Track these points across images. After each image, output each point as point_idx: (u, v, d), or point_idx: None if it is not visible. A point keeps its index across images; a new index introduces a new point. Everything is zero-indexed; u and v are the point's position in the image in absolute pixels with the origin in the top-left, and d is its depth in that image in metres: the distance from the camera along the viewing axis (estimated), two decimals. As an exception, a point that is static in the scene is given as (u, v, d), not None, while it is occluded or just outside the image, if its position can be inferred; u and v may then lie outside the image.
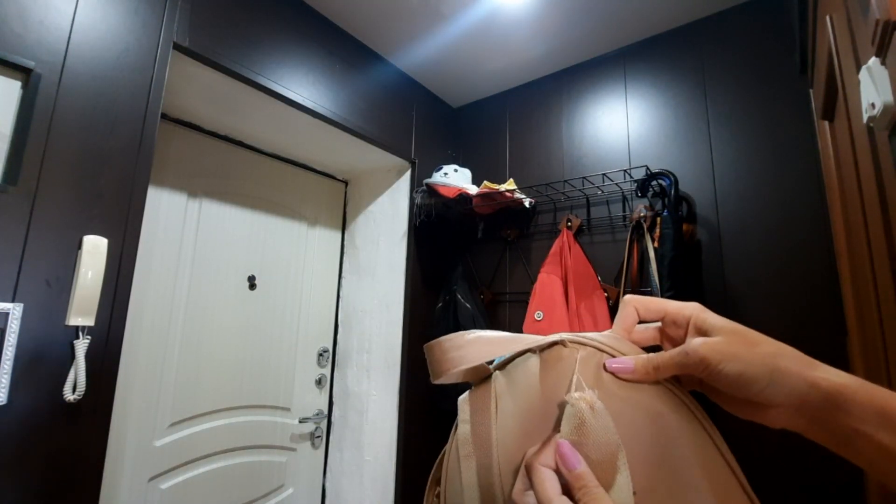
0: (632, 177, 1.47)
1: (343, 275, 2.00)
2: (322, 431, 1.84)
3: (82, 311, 0.90)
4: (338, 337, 1.95)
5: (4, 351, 0.80)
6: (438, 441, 1.79)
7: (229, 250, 1.59)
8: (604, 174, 1.51)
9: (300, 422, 1.75)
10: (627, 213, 1.52)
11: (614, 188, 1.54)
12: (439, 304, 1.78)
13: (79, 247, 0.92)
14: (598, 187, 1.58)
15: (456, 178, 1.73)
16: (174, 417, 1.40)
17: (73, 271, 0.91)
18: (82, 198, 0.93)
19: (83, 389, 0.88)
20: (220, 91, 1.32)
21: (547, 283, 1.54)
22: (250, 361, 1.62)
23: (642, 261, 1.39)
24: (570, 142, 1.72)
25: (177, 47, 1.12)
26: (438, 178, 1.73)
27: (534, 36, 1.60)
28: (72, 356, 0.89)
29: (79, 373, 0.88)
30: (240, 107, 1.42)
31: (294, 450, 1.74)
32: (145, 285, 1.35)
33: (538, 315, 1.52)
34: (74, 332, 0.90)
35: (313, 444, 1.81)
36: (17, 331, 0.82)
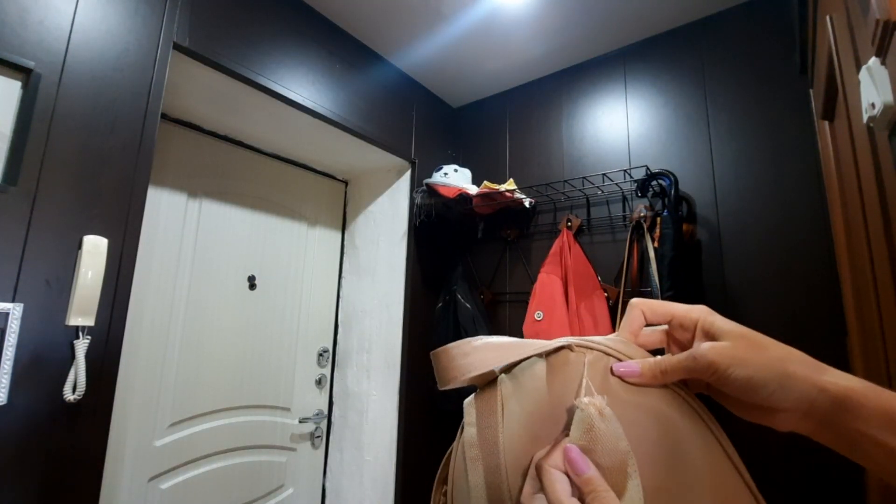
0: (632, 177, 1.47)
1: (343, 275, 2.00)
2: (322, 431, 1.84)
3: (82, 311, 0.90)
4: (338, 337, 1.95)
5: (4, 351, 0.80)
6: (438, 441, 1.79)
7: (229, 250, 1.59)
8: (604, 174, 1.51)
9: (300, 422, 1.75)
10: (627, 213, 1.52)
11: (614, 188, 1.54)
12: (439, 304, 1.78)
13: (79, 247, 0.92)
14: (598, 187, 1.58)
15: (456, 178, 1.73)
16: (174, 417, 1.40)
17: (73, 271, 0.91)
18: (82, 198, 0.93)
19: (83, 389, 0.88)
20: (220, 91, 1.32)
21: (547, 283, 1.54)
22: (250, 361, 1.62)
23: (642, 261, 1.39)
24: (570, 142, 1.72)
25: (177, 47, 1.12)
26: (438, 178, 1.73)
27: (534, 36, 1.60)
28: (72, 356, 0.89)
29: (79, 373, 0.88)
30: (240, 107, 1.42)
31: (294, 450, 1.74)
32: (145, 285, 1.35)
33: (538, 315, 1.52)
34: (74, 332, 0.90)
35: (313, 444, 1.81)
36: (18, 331, 0.82)
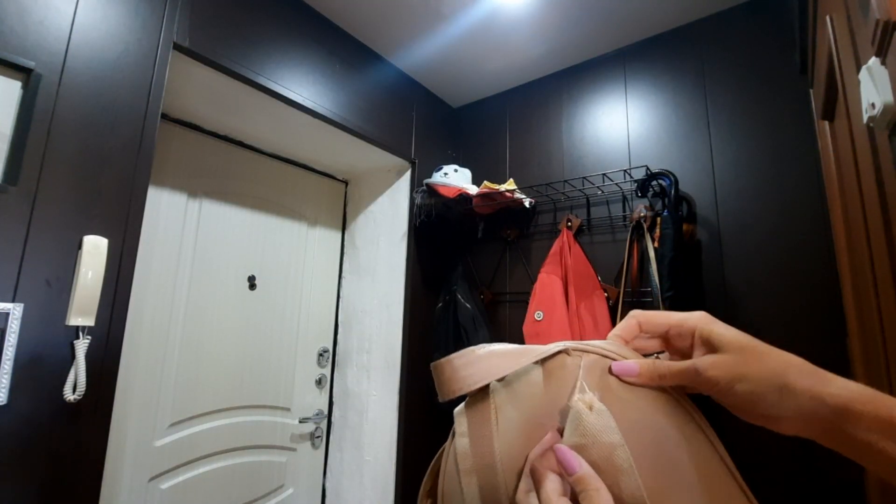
0: (632, 177, 1.47)
1: (343, 275, 2.00)
2: (322, 431, 1.84)
3: (82, 311, 0.90)
4: (338, 337, 1.95)
5: (5, 351, 0.80)
6: (439, 441, 1.78)
7: (229, 250, 1.59)
8: (604, 174, 1.51)
9: (300, 422, 1.75)
10: (627, 213, 1.52)
11: (614, 188, 1.54)
12: (439, 304, 1.78)
13: (79, 247, 0.92)
14: (598, 187, 1.58)
15: (456, 178, 1.73)
16: (174, 417, 1.40)
17: (74, 271, 0.91)
18: (82, 198, 0.93)
19: (83, 389, 0.88)
20: (221, 91, 1.32)
21: (547, 283, 1.54)
22: (250, 361, 1.62)
23: (642, 261, 1.39)
24: (570, 142, 1.72)
25: (177, 47, 1.12)
26: (438, 178, 1.73)
27: (534, 36, 1.60)
28: (72, 356, 0.89)
29: (79, 373, 0.88)
30: (240, 107, 1.42)
31: (294, 450, 1.74)
32: (145, 285, 1.35)
33: (538, 315, 1.52)
34: (74, 332, 0.90)
35: (313, 444, 1.81)
36: (18, 331, 0.82)
